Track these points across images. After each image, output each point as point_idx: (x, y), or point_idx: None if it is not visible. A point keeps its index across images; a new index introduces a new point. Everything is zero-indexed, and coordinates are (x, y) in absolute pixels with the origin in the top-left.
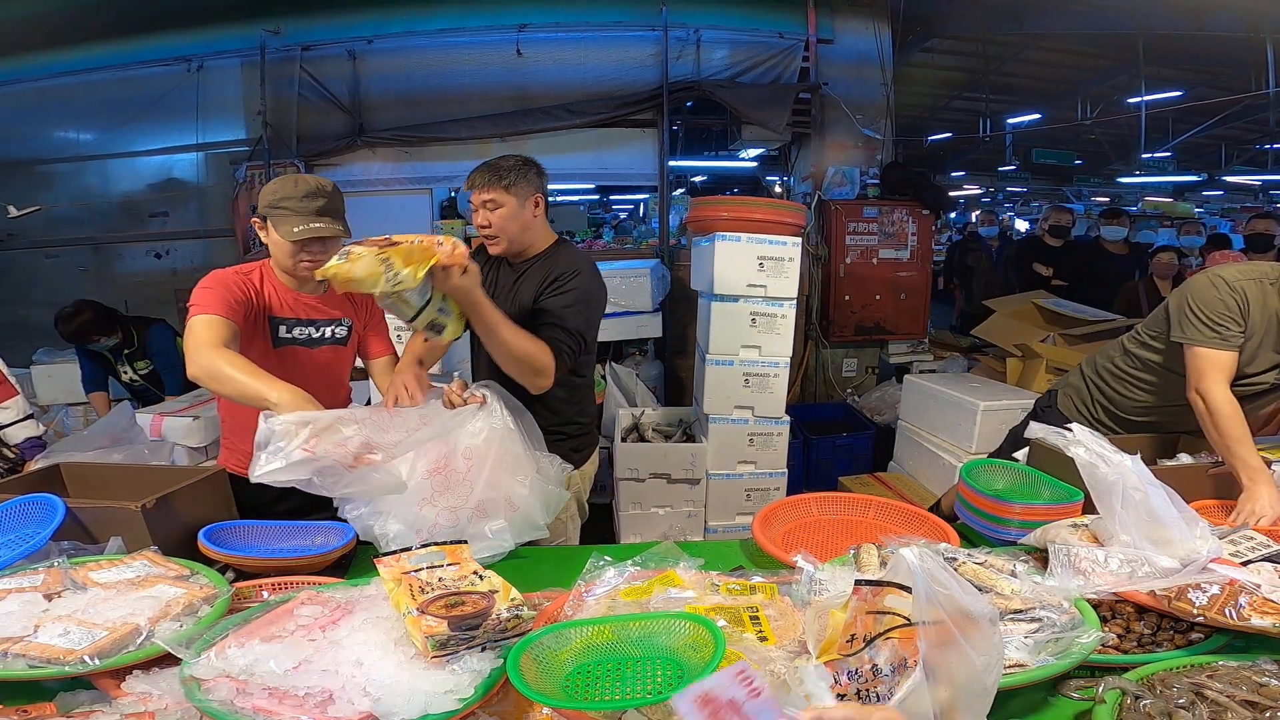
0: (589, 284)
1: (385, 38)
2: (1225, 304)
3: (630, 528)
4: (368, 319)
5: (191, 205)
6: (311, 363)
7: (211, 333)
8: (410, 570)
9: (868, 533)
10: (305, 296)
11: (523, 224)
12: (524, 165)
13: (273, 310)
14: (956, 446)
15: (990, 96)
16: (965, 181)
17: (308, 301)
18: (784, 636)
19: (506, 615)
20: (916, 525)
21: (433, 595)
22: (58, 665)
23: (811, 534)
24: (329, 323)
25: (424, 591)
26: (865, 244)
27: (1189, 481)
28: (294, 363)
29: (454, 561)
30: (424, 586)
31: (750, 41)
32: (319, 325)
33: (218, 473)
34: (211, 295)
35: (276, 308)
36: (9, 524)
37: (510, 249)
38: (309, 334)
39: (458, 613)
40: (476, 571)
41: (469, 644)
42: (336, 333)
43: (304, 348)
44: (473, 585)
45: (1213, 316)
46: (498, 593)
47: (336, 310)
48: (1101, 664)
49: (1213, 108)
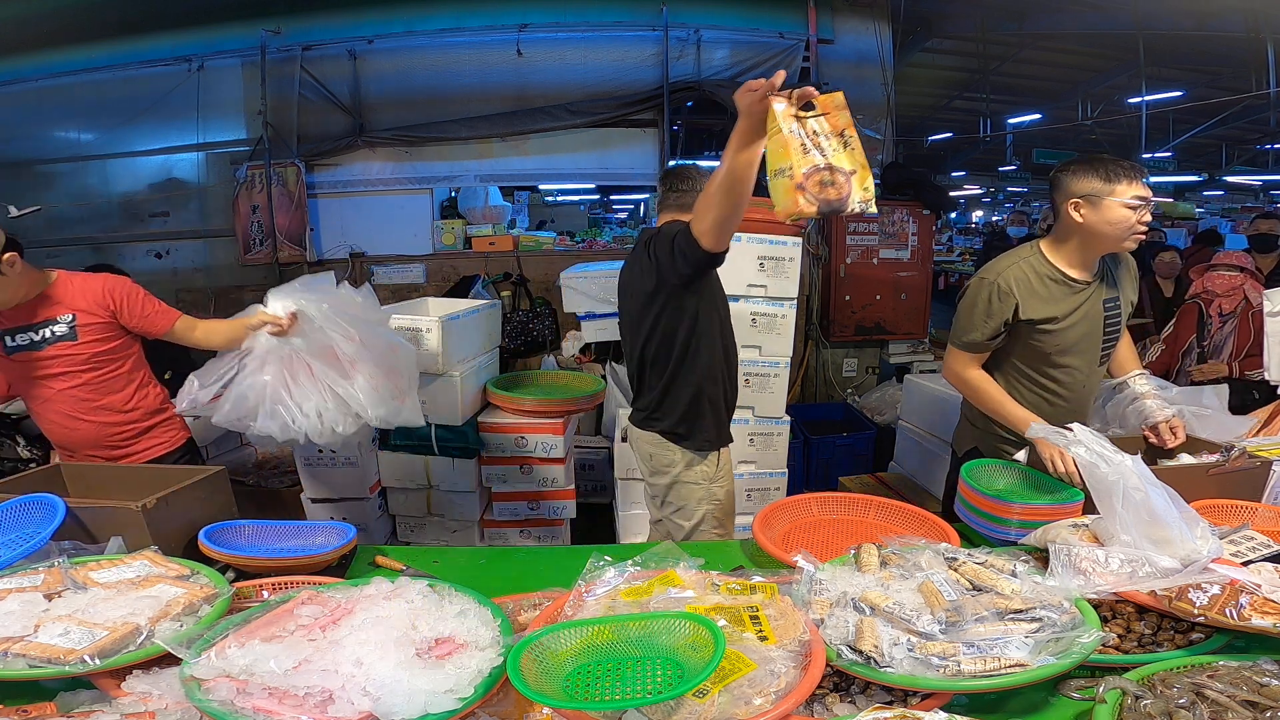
0: None
1: (386, 38)
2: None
3: (630, 528)
4: (117, 305)
5: (192, 205)
6: (46, 362)
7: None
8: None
9: (868, 533)
10: (9, 309)
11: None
12: None
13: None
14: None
15: (990, 96)
16: (965, 181)
17: (13, 310)
18: (784, 636)
19: (858, 208)
20: (916, 525)
21: (809, 168)
22: (58, 665)
23: (812, 534)
24: (45, 324)
25: (806, 152)
26: (866, 244)
27: (1189, 481)
28: (32, 365)
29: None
30: (805, 145)
31: (751, 41)
32: (37, 328)
33: (218, 473)
34: None
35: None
36: (9, 524)
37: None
38: (30, 338)
39: (825, 195)
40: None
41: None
42: (56, 330)
43: (29, 351)
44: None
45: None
46: (855, 174)
47: (49, 311)
48: (1102, 664)
49: (1213, 108)
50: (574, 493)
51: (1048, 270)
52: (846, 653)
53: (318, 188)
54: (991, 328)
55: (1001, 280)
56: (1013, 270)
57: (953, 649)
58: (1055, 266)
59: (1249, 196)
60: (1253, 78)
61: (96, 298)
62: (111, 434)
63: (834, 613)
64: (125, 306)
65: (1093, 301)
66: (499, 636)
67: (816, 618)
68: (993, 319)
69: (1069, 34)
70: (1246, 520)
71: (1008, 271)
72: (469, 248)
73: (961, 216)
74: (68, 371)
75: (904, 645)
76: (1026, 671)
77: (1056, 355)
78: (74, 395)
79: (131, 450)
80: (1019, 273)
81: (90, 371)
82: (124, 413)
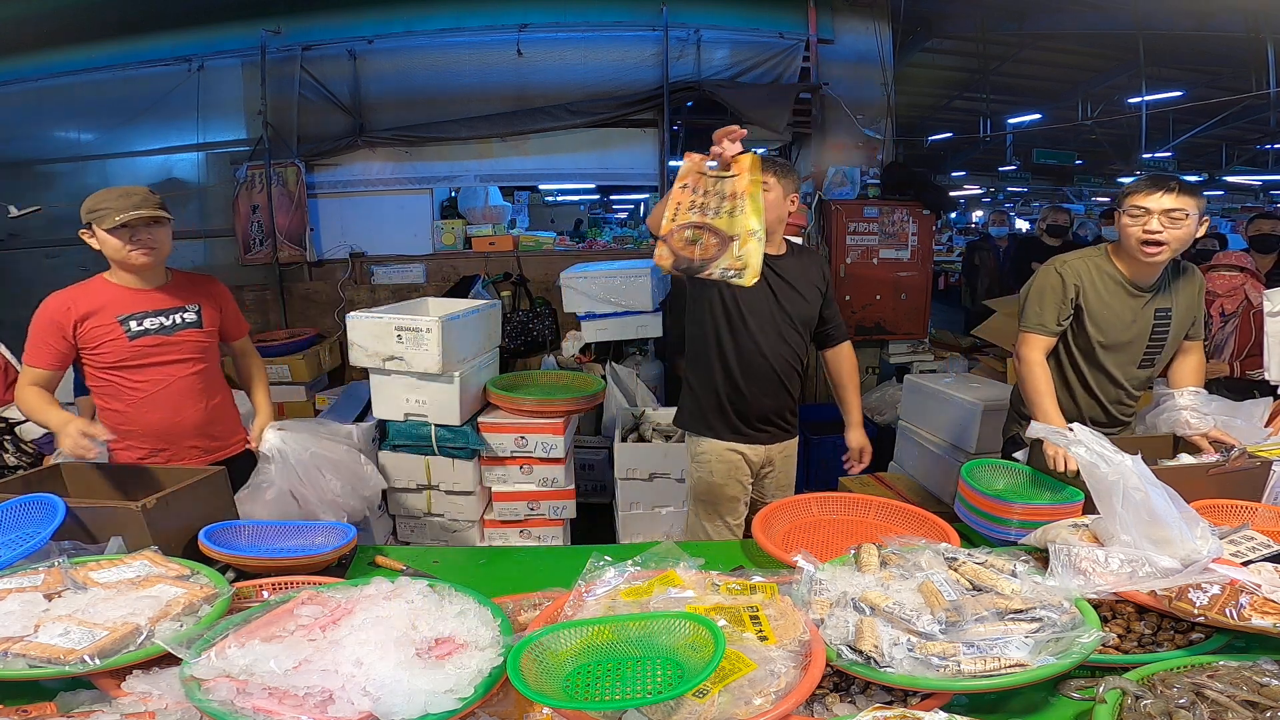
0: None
1: (386, 37)
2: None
3: (630, 528)
4: (221, 304)
5: (192, 205)
6: (172, 348)
7: (30, 379)
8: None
9: (868, 533)
10: (148, 290)
11: (780, 215)
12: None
13: (118, 310)
14: (956, 447)
15: (990, 96)
16: (966, 181)
17: (151, 294)
18: (784, 636)
19: (719, 275)
20: (916, 525)
21: (684, 223)
22: (58, 665)
23: (812, 534)
24: (176, 310)
25: (689, 208)
26: (866, 244)
27: (1189, 481)
28: (153, 352)
29: (736, 172)
30: (694, 203)
31: (751, 41)
32: (168, 314)
33: (218, 473)
34: (32, 348)
35: (120, 306)
36: (9, 524)
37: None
38: (160, 323)
39: (686, 252)
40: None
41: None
42: (186, 318)
43: (160, 336)
44: (722, 215)
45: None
46: (734, 240)
47: (175, 300)
48: (1102, 664)
49: (1213, 108)
50: (574, 493)
51: (1110, 270)
52: (846, 653)
53: (318, 188)
54: (1064, 312)
55: (1068, 269)
56: (1079, 263)
57: (953, 649)
58: (1117, 268)
59: (1249, 196)
60: (1253, 78)
61: (211, 293)
62: (215, 423)
63: (834, 613)
64: (227, 307)
65: (1146, 309)
66: (499, 636)
67: (816, 618)
68: (1063, 304)
69: (1069, 34)
70: (1246, 520)
71: (1075, 263)
72: (469, 248)
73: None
74: (190, 358)
75: (904, 645)
76: (1026, 671)
77: (1098, 353)
78: (189, 383)
79: (228, 442)
80: (1084, 266)
81: (204, 361)
82: (224, 405)
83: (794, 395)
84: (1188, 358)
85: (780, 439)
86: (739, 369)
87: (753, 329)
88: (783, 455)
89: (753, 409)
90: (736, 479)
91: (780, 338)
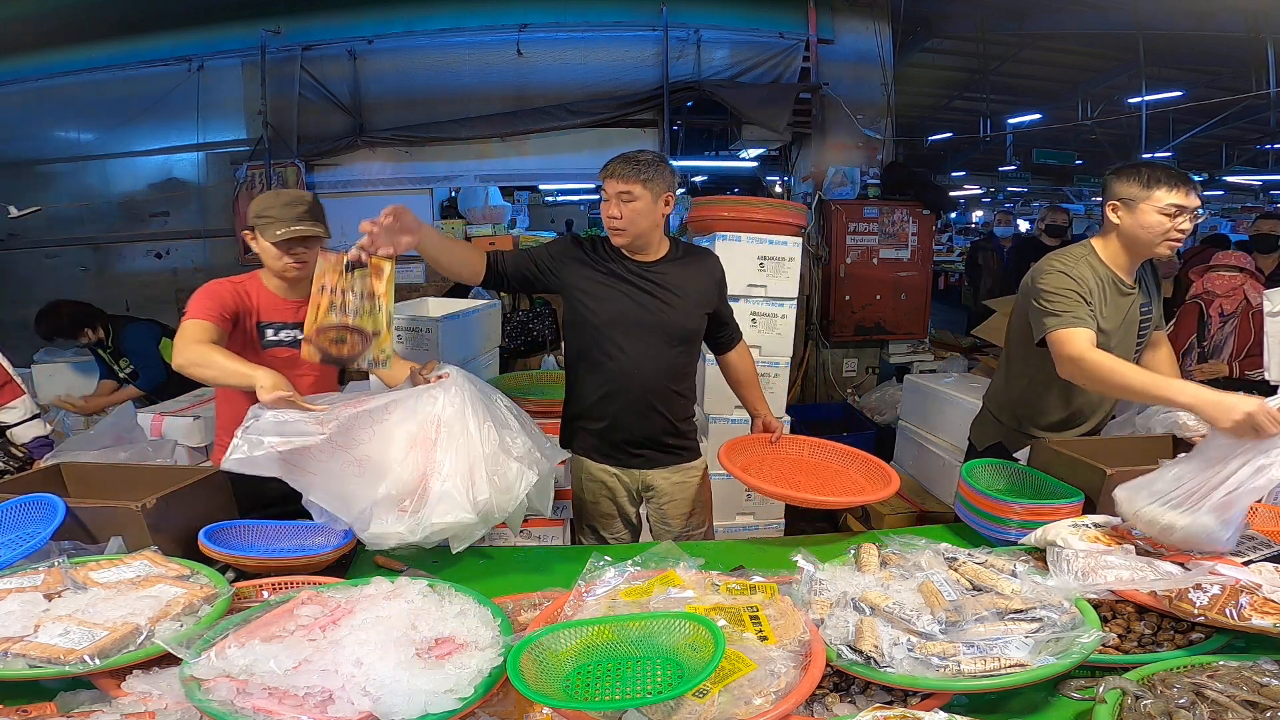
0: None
1: (385, 38)
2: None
3: None
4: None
5: (192, 205)
6: (298, 362)
7: (200, 332)
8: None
9: (813, 469)
10: (293, 300)
11: (653, 221)
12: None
13: (261, 316)
14: (956, 446)
15: (990, 96)
16: (966, 181)
17: (294, 305)
18: (784, 636)
19: (366, 365)
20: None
21: (328, 325)
22: (58, 665)
23: (772, 466)
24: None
25: (329, 310)
26: (866, 244)
27: None
28: (279, 364)
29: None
30: (333, 304)
31: (751, 41)
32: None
33: (218, 473)
34: (204, 304)
35: (265, 312)
36: (9, 524)
37: (634, 244)
38: (295, 335)
39: (334, 350)
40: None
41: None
42: None
43: (291, 349)
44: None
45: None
46: (377, 336)
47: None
48: (1102, 664)
49: (1213, 108)
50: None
51: (1102, 270)
52: (846, 653)
53: (318, 188)
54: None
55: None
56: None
57: (953, 649)
58: (1108, 267)
59: (1249, 196)
60: (1253, 78)
61: None
62: None
63: (834, 613)
64: None
65: (1132, 306)
66: (499, 636)
67: (816, 618)
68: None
69: (1069, 34)
70: (1246, 520)
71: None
72: None
73: (961, 216)
74: (311, 374)
75: (904, 645)
76: (1026, 671)
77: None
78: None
79: None
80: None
81: (319, 373)
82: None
83: (673, 417)
84: (1158, 351)
85: (662, 464)
86: (601, 390)
87: (618, 345)
88: (670, 481)
89: (617, 432)
90: (609, 498)
91: (649, 354)
